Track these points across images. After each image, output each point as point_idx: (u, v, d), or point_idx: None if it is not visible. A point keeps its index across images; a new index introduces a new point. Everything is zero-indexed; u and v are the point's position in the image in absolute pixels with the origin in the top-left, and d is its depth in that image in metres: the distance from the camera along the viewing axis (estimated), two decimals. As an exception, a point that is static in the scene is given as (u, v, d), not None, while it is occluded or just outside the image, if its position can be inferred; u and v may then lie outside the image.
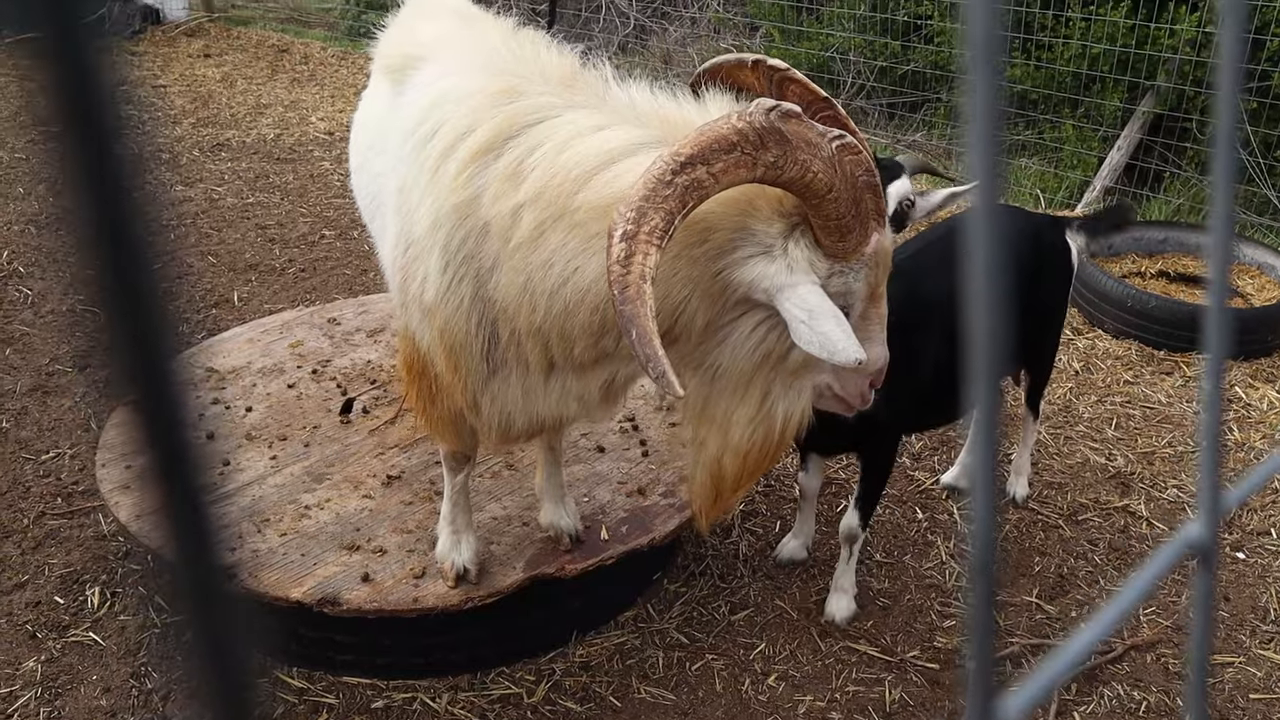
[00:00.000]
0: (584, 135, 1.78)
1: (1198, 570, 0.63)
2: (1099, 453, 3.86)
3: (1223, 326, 0.54)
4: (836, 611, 3.01)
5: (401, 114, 2.16)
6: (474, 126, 1.90)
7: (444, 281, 1.96)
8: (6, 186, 6.08)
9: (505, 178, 1.83)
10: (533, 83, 1.93)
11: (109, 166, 0.30)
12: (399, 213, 2.08)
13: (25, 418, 3.85)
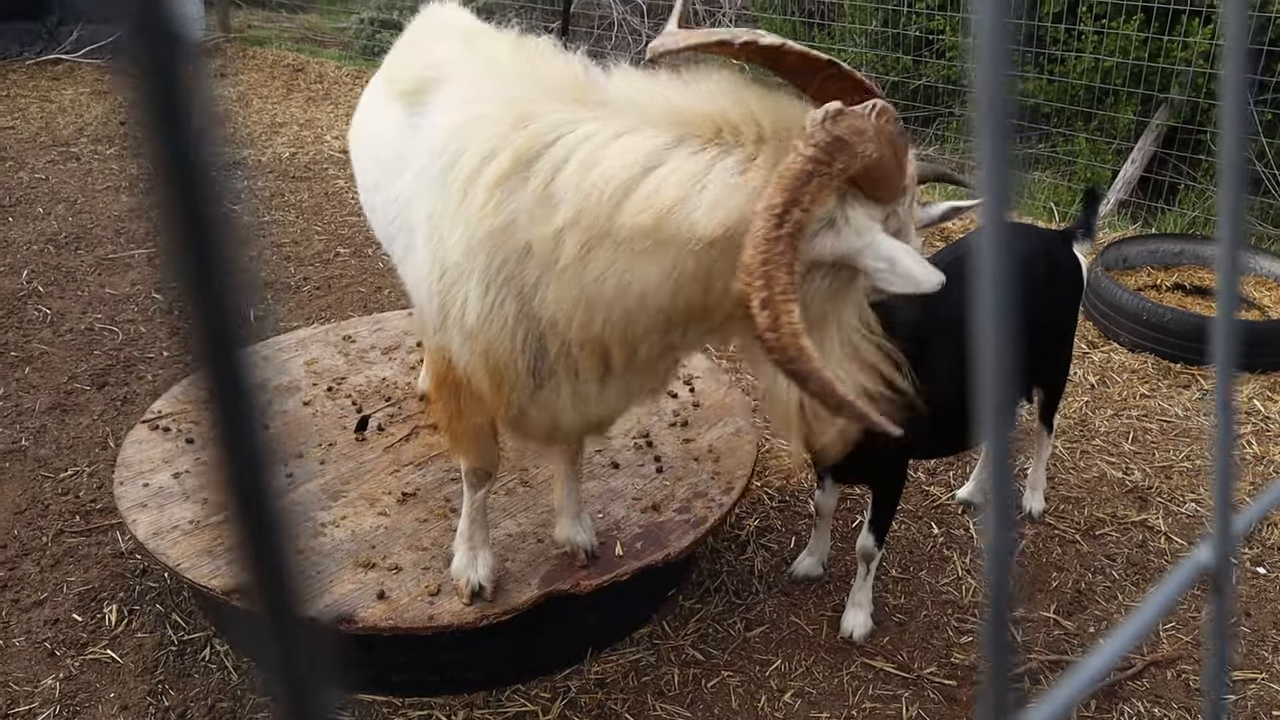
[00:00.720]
0: (605, 146, 1.80)
1: (1211, 595, 0.62)
2: (1116, 467, 3.84)
3: (1231, 349, 0.54)
4: (854, 628, 2.99)
5: (424, 137, 2.18)
6: (495, 151, 1.92)
7: (486, 304, 2.00)
8: (26, 206, 6.15)
9: (538, 201, 1.86)
10: (543, 100, 1.95)
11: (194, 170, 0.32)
12: (430, 239, 2.10)
13: (44, 436, 3.88)
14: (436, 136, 2.09)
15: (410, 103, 2.30)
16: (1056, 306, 3.14)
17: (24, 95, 8.45)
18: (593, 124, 1.85)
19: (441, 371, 2.27)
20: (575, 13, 8.43)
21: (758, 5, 8.02)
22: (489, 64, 2.16)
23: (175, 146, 0.33)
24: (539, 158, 1.87)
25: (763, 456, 3.72)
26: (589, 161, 1.80)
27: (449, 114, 2.11)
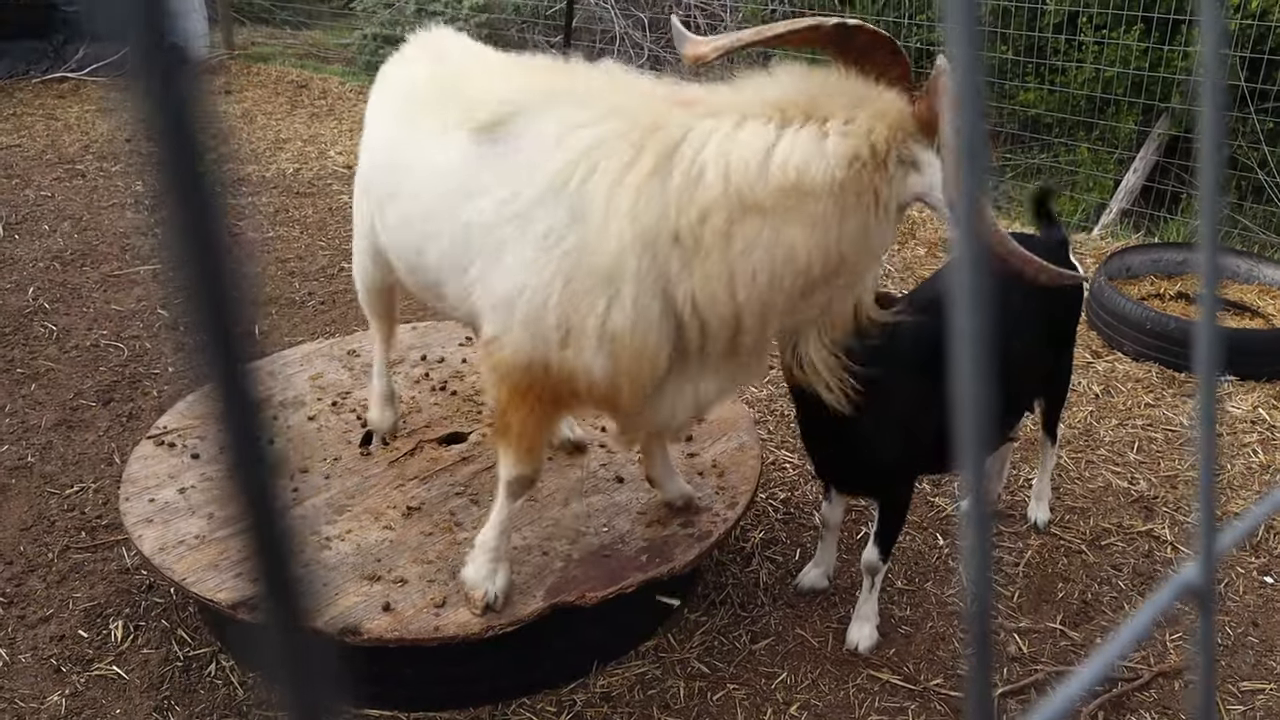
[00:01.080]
0: (732, 135, 2.07)
1: (1197, 614, 0.63)
2: (1121, 477, 3.83)
3: (1213, 367, 0.55)
4: (860, 640, 2.99)
5: (518, 163, 2.30)
6: (635, 156, 2.14)
7: (634, 304, 2.18)
8: (32, 223, 6.18)
9: (683, 190, 2.09)
10: (658, 109, 2.19)
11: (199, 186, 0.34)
12: (547, 255, 2.24)
13: (50, 452, 3.89)
14: (549, 159, 2.24)
15: (484, 134, 2.38)
16: (1058, 316, 3.15)
17: (30, 113, 8.50)
18: (708, 120, 2.11)
19: (530, 382, 2.38)
20: (577, 26, 8.47)
21: (760, 19, 8.06)
22: (586, 88, 2.34)
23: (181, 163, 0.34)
24: (675, 154, 2.11)
25: (767, 469, 3.72)
26: (724, 148, 2.06)
27: (566, 137, 2.25)
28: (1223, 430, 4.13)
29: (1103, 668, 0.55)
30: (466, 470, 3.24)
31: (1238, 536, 0.64)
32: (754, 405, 4.25)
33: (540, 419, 2.47)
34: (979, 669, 0.45)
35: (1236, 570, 3.33)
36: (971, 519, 0.45)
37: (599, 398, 2.37)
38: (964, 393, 0.42)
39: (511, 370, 2.39)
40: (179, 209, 0.34)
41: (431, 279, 2.59)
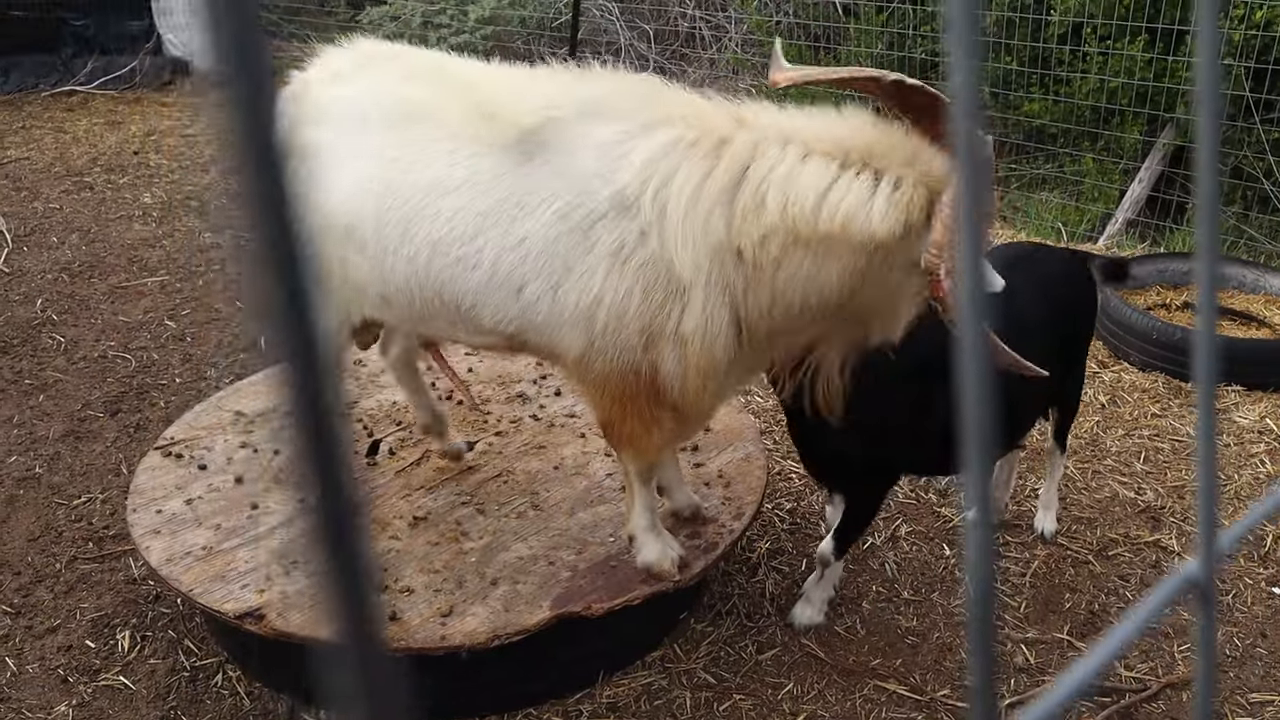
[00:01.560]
0: (797, 166, 2.17)
1: (1198, 609, 0.63)
2: (1128, 487, 3.82)
3: (1212, 365, 0.55)
4: (798, 617, 3.07)
5: (570, 174, 2.30)
6: (709, 172, 2.22)
7: (706, 312, 2.28)
8: (41, 235, 6.21)
9: (749, 211, 2.19)
10: (718, 121, 2.27)
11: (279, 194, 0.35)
12: (622, 265, 2.29)
13: (58, 463, 3.90)
14: (614, 167, 2.27)
15: (526, 145, 2.34)
16: (1073, 328, 3.16)
17: (39, 126, 8.55)
18: (775, 146, 2.20)
19: (625, 389, 2.45)
20: (582, 38, 8.51)
21: (764, 31, 8.09)
22: (617, 96, 2.37)
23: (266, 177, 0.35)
24: (744, 175, 2.21)
25: (773, 479, 3.72)
26: (790, 177, 2.16)
27: (624, 144, 2.29)
28: (1230, 440, 4.12)
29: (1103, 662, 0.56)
30: (473, 479, 3.25)
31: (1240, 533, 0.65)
32: (760, 415, 4.25)
33: (645, 421, 2.55)
34: (983, 681, 0.45)
35: (1245, 581, 3.32)
36: (976, 529, 0.45)
37: (677, 398, 2.46)
38: (968, 405, 0.43)
39: (607, 380, 2.44)
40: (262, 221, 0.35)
41: (465, 304, 2.47)
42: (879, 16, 7.36)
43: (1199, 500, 0.61)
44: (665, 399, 2.47)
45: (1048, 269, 3.10)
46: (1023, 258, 3.16)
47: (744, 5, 8.38)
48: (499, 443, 3.46)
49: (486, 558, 2.87)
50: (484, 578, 2.78)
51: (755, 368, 2.60)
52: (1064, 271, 3.15)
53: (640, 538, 2.79)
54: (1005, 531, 3.57)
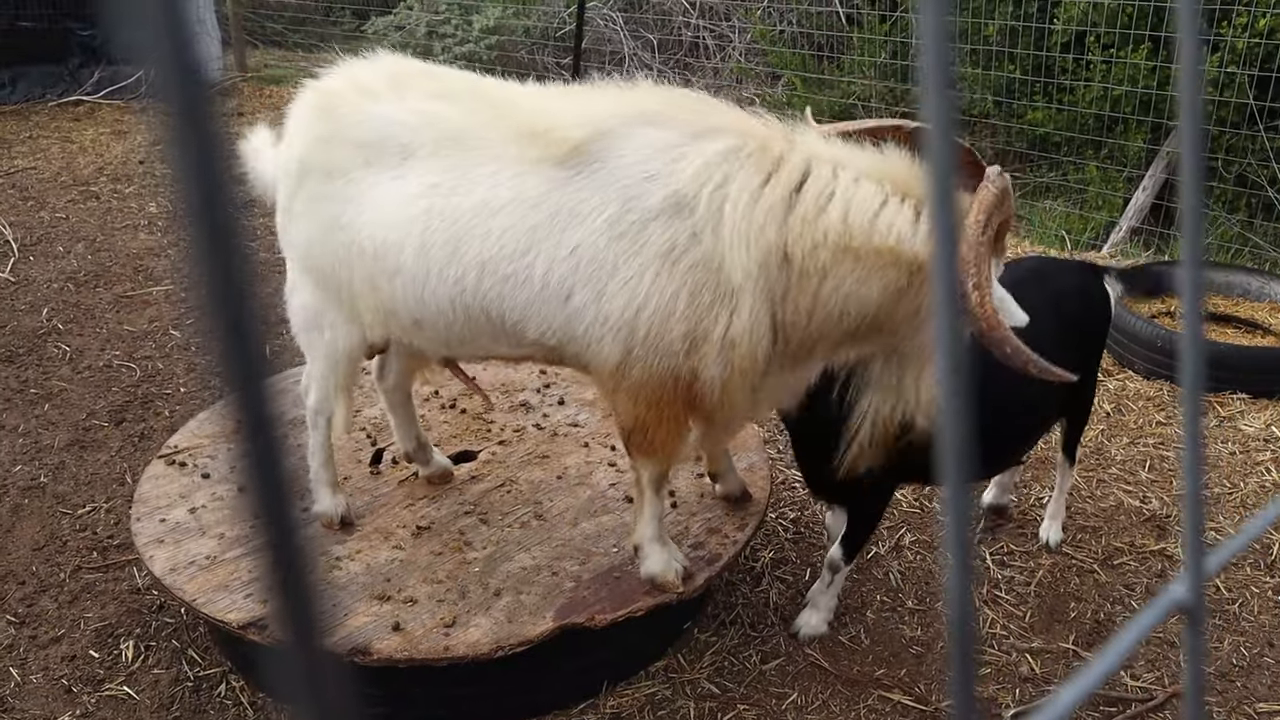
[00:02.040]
0: (852, 186, 2.30)
1: (1186, 630, 0.63)
2: (1133, 495, 3.81)
3: (1198, 378, 0.55)
4: (803, 625, 3.07)
5: (640, 175, 2.33)
6: (766, 180, 2.30)
7: (753, 315, 2.34)
8: (47, 245, 6.23)
9: (808, 219, 2.29)
10: (768, 135, 2.37)
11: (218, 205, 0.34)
12: (672, 269, 2.33)
13: (62, 472, 3.91)
14: (669, 171, 2.32)
15: (575, 158, 2.36)
16: (1085, 340, 3.16)
17: (46, 136, 8.59)
18: (828, 166, 2.33)
19: (661, 396, 2.48)
20: (586, 48, 8.52)
21: (768, 40, 8.10)
22: (665, 109, 2.41)
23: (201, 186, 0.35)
24: (802, 186, 2.31)
25: (776, 489, 3.72)
26: (848, 195, 2.29)
27: (677, 149, 2.34)
28: (1235, 448, 4.11)
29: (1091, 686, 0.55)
30: (476, 489, 3.25)
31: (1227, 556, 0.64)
32: (763, 424, 4.25)
33: (675, 426, 2.59)
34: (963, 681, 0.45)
35: (1251, 590, 3.31)
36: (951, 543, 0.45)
37: (714, 403, 2.49)
38: (948, 420, 0.43)
39: (644, 386, 2.46)
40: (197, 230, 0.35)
41: (512, 319, 2.47)
42: (882, 25, 7.37)
43: (1185, 522, 0.61)
44: (701, 405, 2.50)
45: (1059, 283, 3.12)
46: (1034, 272, 3.19)
47: (748, 15, 8.39)
48: (502, 452, 3.46)
49: (490, 568, 2.87)
50: (487, 588, 2.78)
51: (782, 385, 2.58)
52: (1077, 285, 3.16)
53: (646, 548, 2.78)
54: (1010, 540, 3.56)
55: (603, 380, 2.53)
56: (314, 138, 2.55)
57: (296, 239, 2.67)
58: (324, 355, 2.79)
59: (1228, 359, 4.42)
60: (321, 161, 2.53)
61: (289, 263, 2.78)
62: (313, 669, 0.38)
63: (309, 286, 2.72)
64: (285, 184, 2.66)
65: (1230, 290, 5.15)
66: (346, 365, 2.80)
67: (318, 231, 2.58)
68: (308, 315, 2.77)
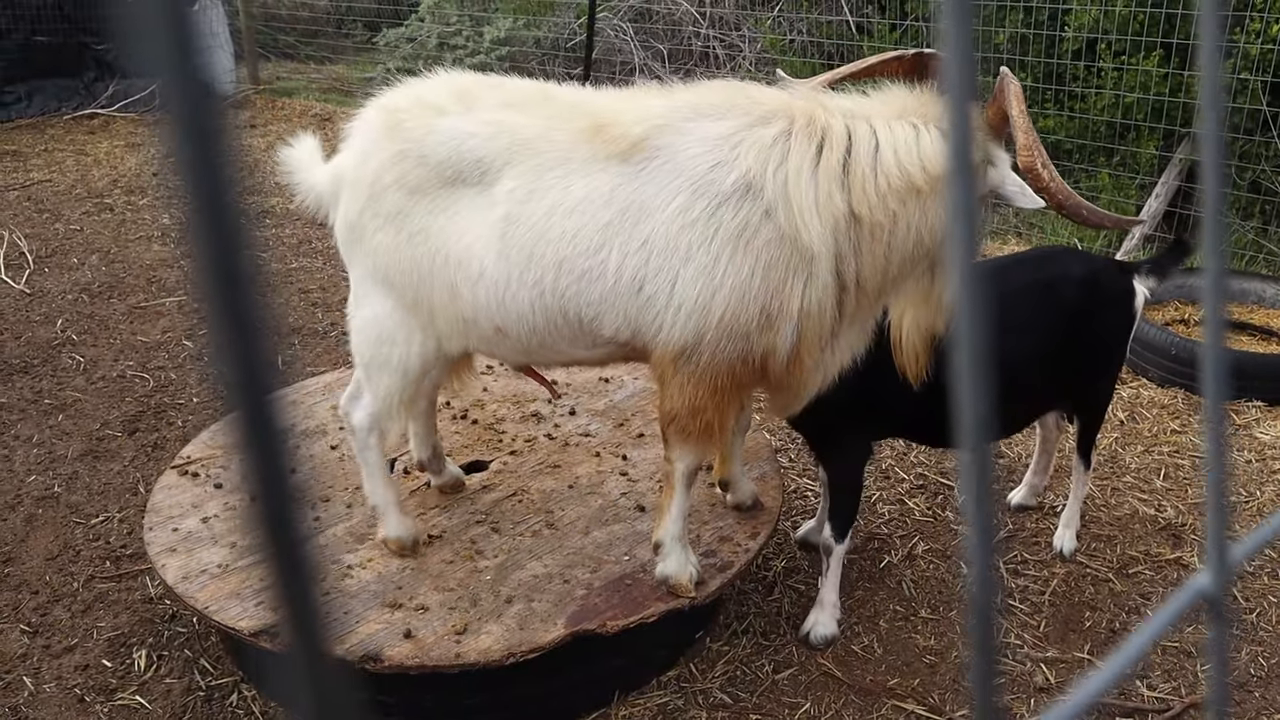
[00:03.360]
0: (887, 134, 2.42)
1: (1209, 620, 0.62)
2: (1148, 504, 3.78)
3: (1221, 372, 0.54)
4: (813, 628, 3.07)
5: (707, 163, 2.42)
6: (819, 150, 2.40)
7: (824, 282, 2.44)
8: (62, 256, 6.27)
9: (866, 178, 2.40)
10: (805, 107, 2.46)
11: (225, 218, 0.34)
12: (746, 247, 2.41)
13: (76, 482, 3.93)
14: (734, 156, 2.41)
15: (637, 154, 2.45)
16: (1095, 332, 3.15)
17: (61, 149, 8.66)
18: (862, 124, 2.44)
19: (730, 378, 2.53)
20: (597, 58, 8.55)
21: (778, 49, 8.11)
22: (715, 100, 2.51)
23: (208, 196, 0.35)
24: (849, 149, 2.41)
25: (788, 498, 3.71)
26: (891, 141, 2.41)
27: (737, 136, 2.43)
28: (1251, 457, 4.08)
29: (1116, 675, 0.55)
30: (488, 498, 3.25)
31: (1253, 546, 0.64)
32: (774, 434, 4.24)
33: (731, 408, 2.66)
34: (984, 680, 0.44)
35: (1269, 600, 3.28)
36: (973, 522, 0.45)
37: (781, 374, 2.56)
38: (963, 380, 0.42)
39: (710, 369, 2.51)
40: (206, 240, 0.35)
41: (588, 316, 2.52)
42: (892, 34, 7.37)
43: (1209, 511, 0.60)
44: (773, 379, 2.59)
45: (1066, 268, 3.15)
46: (1045, 257, 3.31)
47: (758, 24, 8.41)
48: (514, 462, 3.45)
49: (501, 576, 2.86)
50: (499, 596, 2.78)
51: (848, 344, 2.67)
52: (1082, 274, 3.14)
53: (668, 546, 2.78)
54: (1024, 549, 3.53)
55: (665, 366, 2.56)
56: (387, 155, 2.56)
57: (370, 252, 2.65)
58: (395, 368, 2.73)
59: (1243, 367, 4.39)
60: (396, 178, 2.55)
61: (356, 276, 2.76)
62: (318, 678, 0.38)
63: (381, 299, 2.69)
64: (353, 199, 2.64)
65: (1245, 297, 5.12)
66: (418, 378, 2.77)
67: (397, 245, 2.59)
68: (380, 328, 2.71)
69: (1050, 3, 6.28)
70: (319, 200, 2.80)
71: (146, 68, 0.34)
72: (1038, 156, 2.37)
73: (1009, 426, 3.34)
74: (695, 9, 8.63)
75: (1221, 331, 0.47)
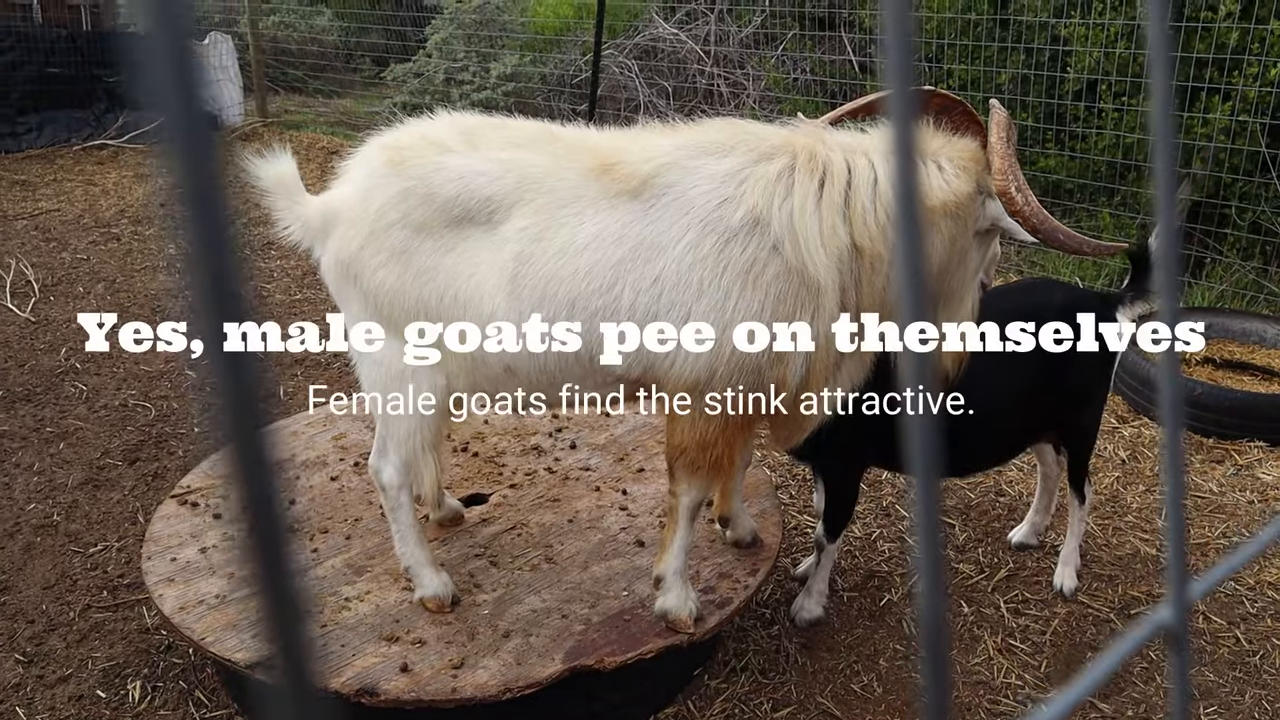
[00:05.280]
0: (884, 168, 2.46)
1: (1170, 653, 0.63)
2: (1149, 544, 3.77)
3: (1178, 408, 0.55)
4: (799, 611, 3.30)
5: (715, 200, 2.46)
6: (821, 185, 2.45)
7: (825, 315, 2.47)
8: (68, 285, 6.31)
9: (865, 211, 2.45)
10: (804, 143, 2.51)
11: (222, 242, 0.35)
12: (759, 280, 2.44)
13: (75, 511, 3.92)
14: (740, 192, 2.45)
15: (646, 192, 2.48)
16: (1076, 365, 3.15)
17: (70, 179, 8.73)
18: (861, 158, 2.50)
19: (735, 411, 2.54)
20: (602, 95, 8.63)
21: (782, 88, 8.19)
22: (720, 138, 2.56)
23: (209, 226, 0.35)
24: (848, 183, 2.47)
25: (788, 534, 3.69)
26: (888, 176, 2.43)
27: (742, 173, 2.47)
28: (1254, 497, 4.06)
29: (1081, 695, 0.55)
30: (486, 532, 3.24)
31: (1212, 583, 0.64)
32: (775, 470, 4.23)
33: (741, 443, 2.69)
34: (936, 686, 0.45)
35: (1272, 642, 3.25)
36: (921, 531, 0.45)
37: (789, 408, 2.58)
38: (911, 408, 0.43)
39: (724, 404, 2.53)
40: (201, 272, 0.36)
41: (599, 354, 2.52)
42: (895, 74, 7.43)
43: (1169, 546, 0.61)
44: (784, 410, 2.59)
45: (1048, 298, 3.23)
46: (1031, 287, 3.46)
47: (762, 63, 8.50)
48: (513, 495, 3.45)
49: (499, 610, 2.85)
50: (496, 630, 2.76)
51: (851, 373, 2.70)
52: (1062, 305, 3.17)
53: (669, 580, 2.77)
54: (1025, 589, 3.51)
55: (681, 404, 2.57)
56: (392, 192, 2.54)
57: (370, 291, 2.59)
58: (412, 409, 2.66)
59: (1244, 407, 4.39)
60: (401, 215, 2.53)
61: (356, 313, 2.67)
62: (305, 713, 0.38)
63: (388, 339, 2.63)
64: (350, 236, 2.59)
65: (1246, 337, 5.12)
66: (435, 419, 2.69)
67: (401, 284, 2.55)
68: (389, 369, 2.64)
69: (1052, 44, 6.34)
70: (306, 232, 2.70)
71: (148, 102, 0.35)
72: (1012, 181, 2.43)
73: (999, 455, 3.42)
74: (700, 47, 8.73)
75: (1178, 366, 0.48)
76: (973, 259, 2.67)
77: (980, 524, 3.84)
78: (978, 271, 2.74)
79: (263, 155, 2.74)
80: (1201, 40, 5.71)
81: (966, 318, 2.74)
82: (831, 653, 3.20)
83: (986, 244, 2.71)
